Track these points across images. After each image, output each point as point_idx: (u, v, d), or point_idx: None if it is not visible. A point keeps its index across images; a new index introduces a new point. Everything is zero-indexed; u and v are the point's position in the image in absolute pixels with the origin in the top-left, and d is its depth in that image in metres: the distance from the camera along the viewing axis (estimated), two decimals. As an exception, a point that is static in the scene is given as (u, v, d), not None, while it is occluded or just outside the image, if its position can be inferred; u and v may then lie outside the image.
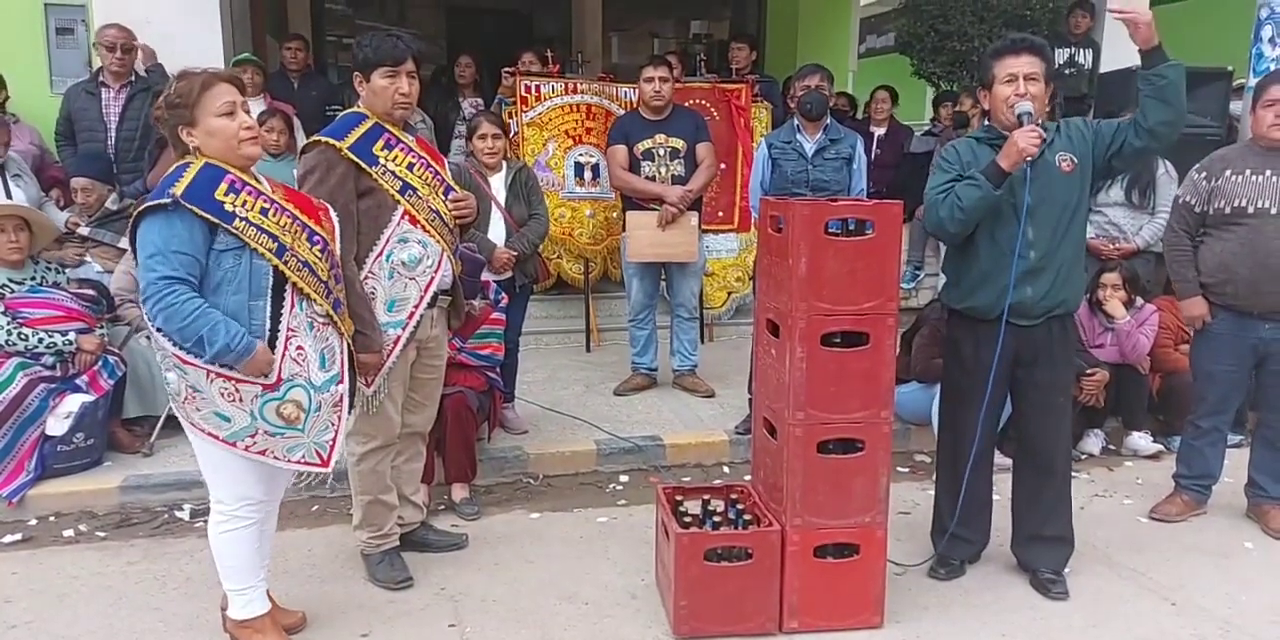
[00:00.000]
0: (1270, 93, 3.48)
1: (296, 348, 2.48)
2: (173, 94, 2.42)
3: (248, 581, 2.63)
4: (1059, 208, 2.96)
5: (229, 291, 2.40)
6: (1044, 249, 2.96)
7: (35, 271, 4.02)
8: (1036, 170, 2.93)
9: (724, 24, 11.80)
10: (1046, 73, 2.96)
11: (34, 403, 3.73)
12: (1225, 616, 3.02)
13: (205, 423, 2.45)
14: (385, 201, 2.89)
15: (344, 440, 2.68)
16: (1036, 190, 2.93)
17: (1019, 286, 2.96)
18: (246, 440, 2.46)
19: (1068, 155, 2.96)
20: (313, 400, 2.52)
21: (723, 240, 6.27)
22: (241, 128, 2.45)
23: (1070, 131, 3.02)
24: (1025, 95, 2.90)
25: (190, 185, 2.36)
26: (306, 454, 2.55)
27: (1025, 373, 3.09)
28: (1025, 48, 2.95)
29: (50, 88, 5.55)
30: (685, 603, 2.79)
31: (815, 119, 4.35)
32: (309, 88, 6.33)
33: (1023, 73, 2.91)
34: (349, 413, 2.70)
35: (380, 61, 2.89)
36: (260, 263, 2.42)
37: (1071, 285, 3.04)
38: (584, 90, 6.00)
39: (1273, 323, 3.51)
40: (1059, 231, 2.96)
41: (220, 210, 2.37)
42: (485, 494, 3.93)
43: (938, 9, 6.97)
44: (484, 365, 3.97)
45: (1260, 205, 3.46)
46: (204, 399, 2.42)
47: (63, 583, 3.15)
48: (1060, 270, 2.98)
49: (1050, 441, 3.13)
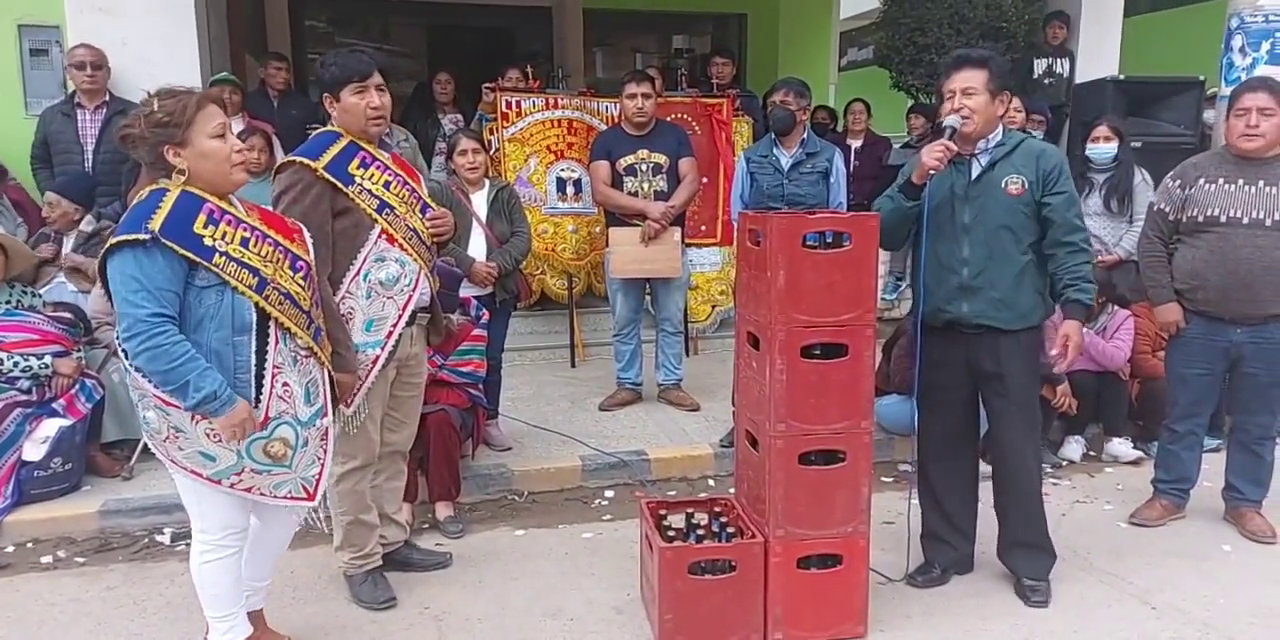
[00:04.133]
0: (1242, 101, 3.49)
1: (283, 385, 2.42)
2: (159, 112, 2.30)
3: (228, 608, 2.59)
4: (996, 228, 2.97)
5: (211, 328, 2.32)
6: (978, 267, 2.99)
7: (10, 295, 3.99)
8: (978, 189, 2.99)
9: (706, 39, 11.85)
10: (992, 84, 2.95)
11: (10, 428, 3.71)
12: (1205, 619, 3.04)
13: (188, 462, 2.38)
14: (362, 221, 2.87)
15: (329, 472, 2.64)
16: (975, 209, 2.99)
17: (955, 302, 3.04)
18: (232, 478, 2.40)
19: (1020, 178, 2.96)
20: (299, 436, 2.47)
21: (706, 254, 6.28)
22: (233, 151, 2.39)
23: (1030, 158, 2.98)
24: (960, 110, 2.95)
25: (168, 218, 2.25)
26: (293, 489, 2.51)
27: (984, 383, 3.12)
28: (965, 62, 3.00)
29: (25, 109, 5.53)
30: (670, 616, 2.79)
31: (784, 134, 4.37)
32: (289, 107, 6.32)
33: (959, 88, 2.97)
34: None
35: (347, 78, 2.87)
36: (242, 298, 2.35)
37: (1013, 307, 2.99)
38: (565, 105, 6.01)
39: (1245, 327, 3.54)
40: (996, 252, 2.98)
41: (199, 246, 2.27)
42: (470, 511, 3.91)
43: (915, 22, 7.02)
44: (466, 382, 3.95)
45: (1232, 215, 3.48)
46: (187, 439, 2.35)
47: (41, 609, 3.12)
48: (999, 290, 2.98)
49: (1011, 450, 3.14)
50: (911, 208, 3.00)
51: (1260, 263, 3.43)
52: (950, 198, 3.02)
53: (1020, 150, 3.01)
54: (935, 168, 2.90)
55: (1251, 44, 5.14)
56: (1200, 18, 9.48)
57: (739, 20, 11.01)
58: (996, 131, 3.04)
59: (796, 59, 10.29)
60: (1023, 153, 3.00)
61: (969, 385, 3.15)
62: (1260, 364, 3.55)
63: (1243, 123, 3.48)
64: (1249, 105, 3.46)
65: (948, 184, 3.03)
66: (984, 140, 3.02)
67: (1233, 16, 5.24)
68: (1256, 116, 3.42)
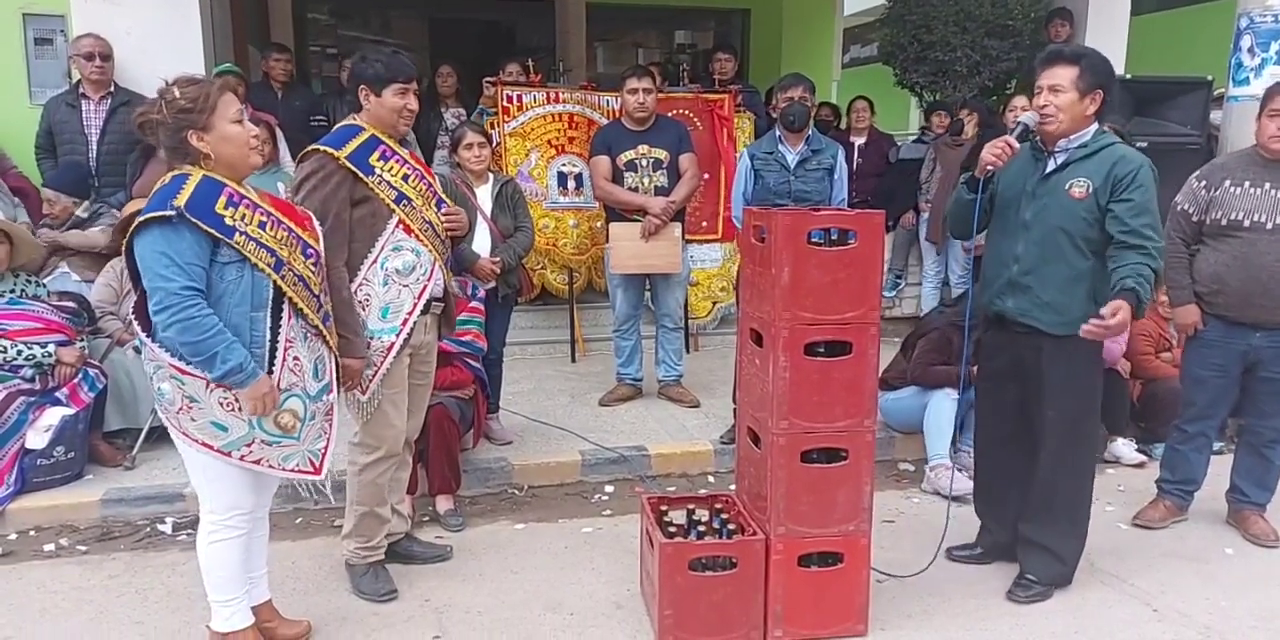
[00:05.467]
0: (1275, 102, 3.41)
1: (294, 358, 2.50)
2: (182, 99, 2.38)
3: (232, 593, 2.62)
4: (1053, 230, 2.94)
5: (232, 303, 2.40)
6: (1029, 266, 2.99)
7: (14, 284, 4.00)
8: (1045, 187, 2.98)
9: (708, 34, 11.84)
10: (1081, 81, 2.89)
11: (13, 416, 3.71)
12: (1206, 622, 3.04)
13: (200, 433, 2.44)
14: (380, 210, 2.92)
15: (334, 448, 2.68)
16: (1037, 208, 2.98)
17: (1002, 296, 3.07)
18: (242, 449, 2.47)
19: (1085, 182, 2.91)
20: (308, 409, 2.55)
21: (707, 250, 6.28)
22: (250, 135, 2.48)
23: (1105, 164, 2.90)
24: (1044, 107, 2.92)
25: (191, 197, 2.34)
26: (300, 462, 2.57)
27: (1028, 384, 3.11)
28: (1057, 58, 2.96)
29: (29, 99, 5.52)
30: (670, 612, 2.79)
31: (797, 131, 4.37)
32: (293, 98, 6.31)
33: (1047, 84, 2.94)
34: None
35: (394, 78, 2.94)
36: (261, 275, 2.43)
37: (1060, 312, 2.95)
38: (566, 99, 5.99)
39: (1264, 331, 3.50)
40: (1050, 253, 2.96)
41: (221, 224, 2.36)
42: (470, 505, 3.91)
43: (920, 19, 7.01)
44: (465, 352, 3.96)
45: (1256, 219, 3.43)
46: (201, 409, 2.42)
47: (43, 597, 3.13)
48: (1046, 291, 2.97)
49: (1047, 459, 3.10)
50: (971, 200, 3.01)
51: None
52: (1020, 192, 3.01)
53: (1101, 154, 2.93)
54: (994, 164, 2.91)
55: (1260, 44, 5.12)
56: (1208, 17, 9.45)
57: (742, 16, 11.00)
58: (1086, 131, 2.97)
59: (799, 55, 10.27)
60: (1102, 158, 2.92)
61: (1018, 383, 3.13)
62: (1278, 368, 3.53)
63: (1274, 123, 3.40)
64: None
65: (1022, 179, 3.03)
66: (1066, 139, 2.97)
67: (1242, 16, 5.22)
68: None
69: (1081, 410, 3.09)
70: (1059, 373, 3.02)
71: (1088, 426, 3.15)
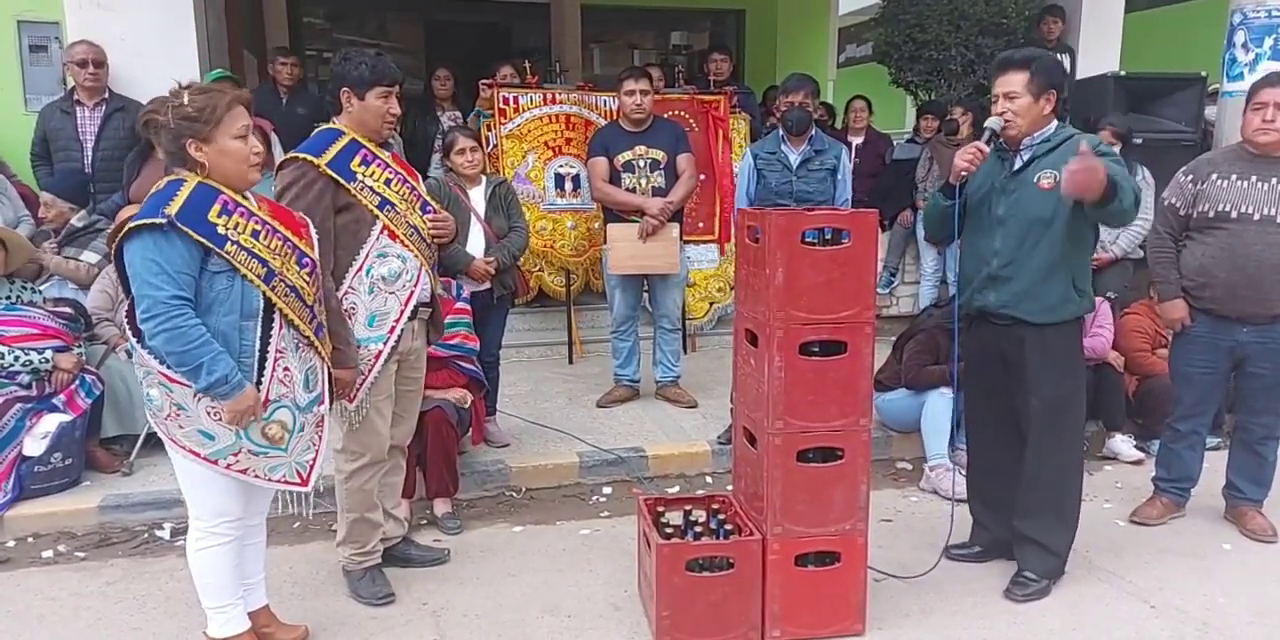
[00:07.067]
0: (1260, 96, 3.45)
1: (284, 369, 2.48)
2: (188, 106, 2.36)
3: (225, 599, 2.61)
4: (1029, 222, 3.02)
5: (221, 312, 2.39)
6: (1008, 258, 3.06)
7: (10, 290, 4.00)
8: (1015, 183, 3.05)
9: (704, 35, 11.84)
10: (1032, 85, 2.97)
11: (10, 423, 3.71)
12: (1203, 618, 3.04)
13: (187, 440, 2.43)
14: (364, 217, 2.90)
15: (324, 459, 2.67)
16: (1010, 203, 3.06)
17: (983, 291, 3.13)
18: (229, 459, 2.46)
19: (1052, 173, 2.98)
20: (297, 421, 2.53)
21: (704, 251, 6.27)
22: (252, 152, 2.45)
23: (1067, 153, 2.93)
24: (1003, 113, 3.01)
25: (184, 205, 2.32)
26: (287, 473, 2.55)
27: (1013, 376, 3.16)
28: (1007, 65, 3.04)
29: (24, 106, 5.52)
30: (667, 613, 2.79)
31: (799, 134, 4.38)
32: (296, 103, 6.29)
33: (1002, 92, 3.03)
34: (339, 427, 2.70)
35: (378, 81, 2.92)
36: (251, 285, 2.41)
37: (1039, 299, 3.04)
38: (563, 100, 5.99)
39: (1251, 326, 3.52)
40: (1027, 244, 3.03)
41: (213, 233, 2.35)
42: (467, 508, 3.91)
43: (914, 18, 7.01)
44: (457, 355, 3.95)
45: (1243, 211, 3.45)
46: (188, 417, 2.41)
47: (41, 604, 3.13)
48: (1024, 281, 3.04)
49: (1034, 449, 3.13)
50: (949, 205, 3.09)
51: (1270, 260, 3.41)
52: (990, 191, 3.10)
53: (1064, 146, 3.01)
54: (967, 169, 3.01)
55: (1254, 40, 5.13)
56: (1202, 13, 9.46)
57: (737, 16, 11.00)
58: (1047, 129, 3.05)
59: (795, 55, 10.27)
60: (1065, 149, 2.99)
61: (1003, 376, 3.18)
62: (1266, 364, 3.54)
63: (1259, 116, 3.43)
64: (1267, 100, 3.42)
65: (990, 179, 3.10)
66: (1029, 137, 3.06)
67: (1235, 12, 5.23)
68: (1273, 111, 3.38)
69: (1064, 398, 3.13)
70: (1040, 360, 3.08)
71: (1072, 416, 3.18)
